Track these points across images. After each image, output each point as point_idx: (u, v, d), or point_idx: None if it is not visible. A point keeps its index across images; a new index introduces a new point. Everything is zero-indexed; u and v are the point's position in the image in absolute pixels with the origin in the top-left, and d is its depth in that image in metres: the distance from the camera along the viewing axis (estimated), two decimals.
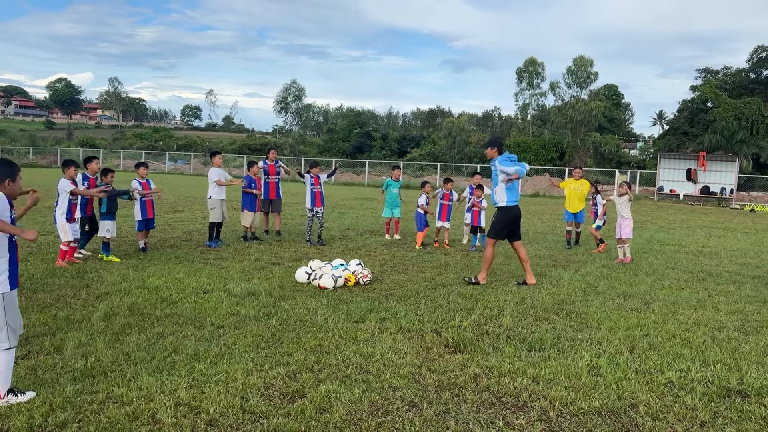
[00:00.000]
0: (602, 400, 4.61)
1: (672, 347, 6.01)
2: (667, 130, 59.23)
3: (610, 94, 78.02)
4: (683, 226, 19.11)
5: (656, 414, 4.41)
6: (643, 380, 5.06)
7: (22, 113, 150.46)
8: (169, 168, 49.99)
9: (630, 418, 4.33)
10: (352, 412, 4.22)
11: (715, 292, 8.91)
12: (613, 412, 4.42)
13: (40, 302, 6.86)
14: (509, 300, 7.78)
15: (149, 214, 10.67)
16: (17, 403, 4.14)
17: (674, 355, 5.75)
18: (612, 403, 4.56)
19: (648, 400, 4.64)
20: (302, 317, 6.66)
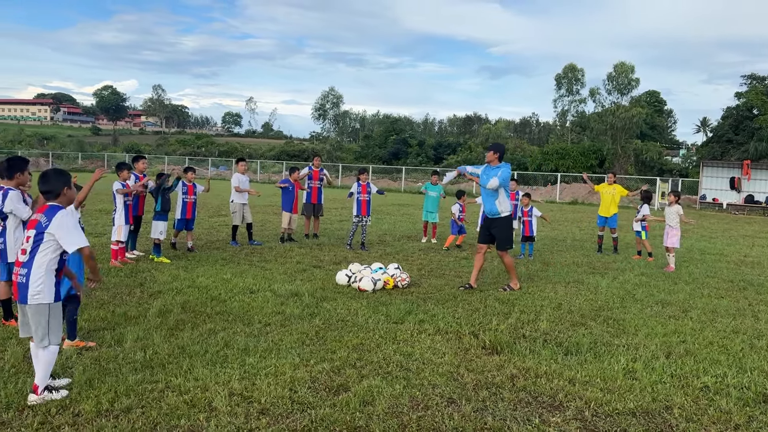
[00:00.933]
0: (637, 401, 4.73)
1: (709, 354, 6.07)
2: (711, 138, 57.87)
3: (651, 100, 76.72)
4: (725, 236, 18.78)
5: (690, 416, 4.52)
6: (678, 384, 5.16)
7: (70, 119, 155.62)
8: (211, 173, 51.13)
9: (664, 420, 4.45)
10: (393, 406, 4.45)
11: (756, 301, 8.85)
12: (647, 413, 4.55)
13: (99, 299, 7.29)
14: (546, 305, 7.90)
15: (188, 215, 11.22)
16: (51, 399, 4.31)
17: (711, 361, 5.81)
18: (647, 405, 4.68)
19: (682, 403, 4.74)
20: (344, 317, 6.92)
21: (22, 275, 4.34)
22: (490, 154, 8.79)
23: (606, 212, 13.22)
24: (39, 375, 4.35)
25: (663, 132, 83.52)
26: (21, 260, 4.37)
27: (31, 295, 4.29)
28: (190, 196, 11.33)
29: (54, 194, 4.50)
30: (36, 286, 4.30)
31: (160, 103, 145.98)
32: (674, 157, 74.43)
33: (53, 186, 4.51)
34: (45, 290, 4.32)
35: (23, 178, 6.05)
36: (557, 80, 64.50)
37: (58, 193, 4.51)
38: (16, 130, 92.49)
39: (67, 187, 4.58)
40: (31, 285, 4.30)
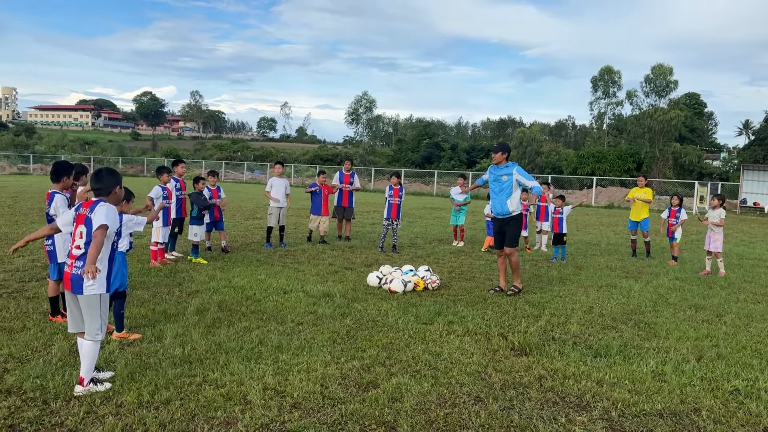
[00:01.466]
0: (665, 403, 4.75)
1: (741, 358, 6.02)
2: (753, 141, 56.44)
3: (691, 102, 75.17)
4: (766, 240, 18.34)
5: (718, 418, 4.52)
6: (708, 387, 5.15)
7: (111, 125, 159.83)
8: (246, 177, 51.98)
9: (692, 421, 4.46)
10: (421, 403, 4.56)
11: None
12: (675, 414, 4.56)
13: (139, 298, 7.58)
14: (577, 309, 7.90)
15: (215, 216, 11.66)
16: (96, 391, 4.52)
17: (743, 365, 5.77)
18: (675, 407, 4.69)
19: (711, 406, 4.74)
20: (374, 317, 7.06)
21: (78, 267, 4.54)
22: (498, 155, 8.85)
23: (636, 216, 13.10)
24: (84, 367, 4.58)
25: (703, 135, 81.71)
26: (75, 254, 4.59)
27: (86, 286, 4.51)
28: (215, 200, 11.71)
29: (105, 192, 4.72)
30: None
31: (198, 108, 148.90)
32: (715, 160, 72.73)
33: (105, 184, 4.72)
34: (98, 281, 4.54)
35: (69, 182, 6.36)
36: (593, 83, 63.81)
37: (109, 191, 4.73)
38: (59, 136, 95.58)
39: (119, 186, 4.82)
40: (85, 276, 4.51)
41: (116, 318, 5.95)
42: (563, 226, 12.32)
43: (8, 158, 56.09)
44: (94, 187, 4.75)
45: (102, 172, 4.82)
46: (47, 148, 71.98)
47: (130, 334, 6.00)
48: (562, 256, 12.26)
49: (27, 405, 4.30)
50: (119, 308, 5.99)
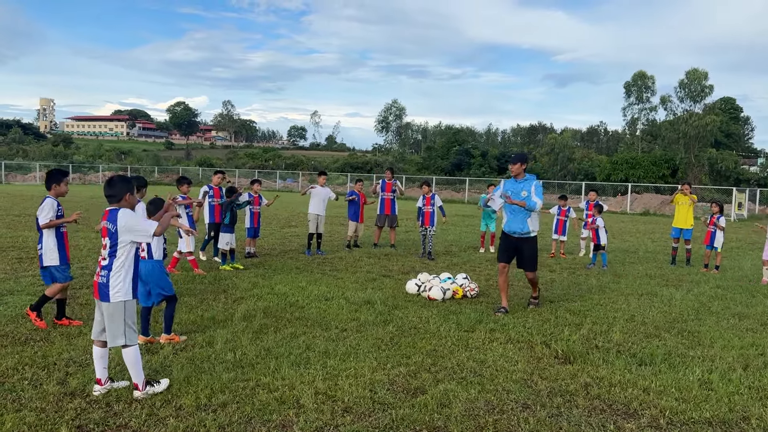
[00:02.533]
0: (713, 411, 4.75)
1: None
2: None
3: (727, 107, 73.73)
4: None
5: (767, 426, 4.51)
6: (756, 396, 5.12)
7: (145, 134, 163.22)
8: (279, 186, 52.62)
9: (741, 429, 4.46)
10: (470, 409, 4.65)
11: None
12: (724, 423, 4.56)
13: (188, 304, 7.81)
14: (618, 317, 7.89)
15: (255, 224, 12.14)
16: (155, 393, 4.71)
17: None
18: (723, 415, 4.69)
19: (761, 414, 4.72)
20: (416, 324, 7.16)
21: (103, 276, 4.70)
22: (516, 166, 8.05)
23: (683, 224, 12.98)
24: (133, 374, 4.73)
25: (739, 140, 79.99)
26: (102, 264, 4.76)
27: (112, 294, 4.68)
28: (256, 207, 12.21)
29: (117, 198, 4.81)
30: (116, 284, 4.69)
31: (230, 118, 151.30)
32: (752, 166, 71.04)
33: (116, 191, 4.81)
34: (123, 288, 4.70)
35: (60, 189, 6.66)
36: (626, 88, 63.08)
37: (120, 198, 4.81)
38: (95, 145, 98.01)
39: (130, 193, 4.87)
40: (111, 284, 4.69)
41: (166, 320, 6.26)
42: (601, 237, 12.33)
43: (48, 168, 57.75)
44: (107, 194, 4.82)
45: (114, 179, 4.90)
46: (85, 158, 73.91)
47: (178, 336, 6.27)
48: (603, 263, 12.27)
49: (92, 407, 4.51)
50: (171, 311, 6.27)
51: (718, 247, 12.23)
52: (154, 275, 6.20)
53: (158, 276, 6.23)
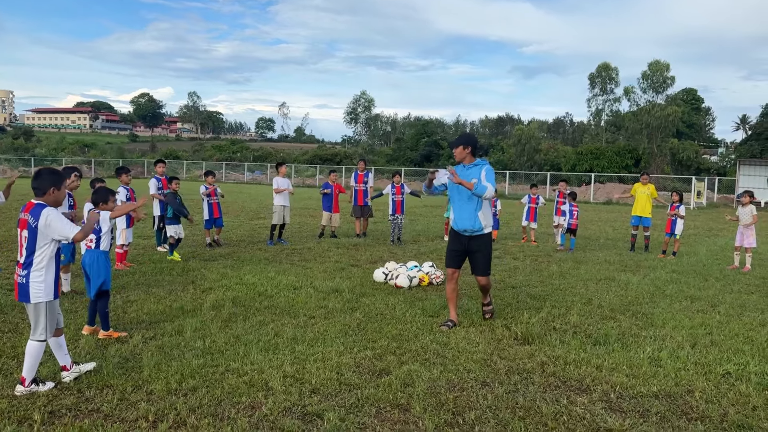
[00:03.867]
0: (660, 386, 5.06)
1: (733, 344, 6.32)
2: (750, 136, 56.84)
3: (688, 98, 75.48)
4: (761, 234, 18.63)
5: (710, 399, 4.82)
6: (701, 371, 5.45)
7: (109, 127, 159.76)
8: (247, 178, 52.27)
9: (685, 401, 4.76)
10: (432, 387, 4.86)
11: None
12: (669, 396, 4.87)
13: (156, 295, 7.87)
14: (577, 301, 8.21)
15: (215, 215, 12.39)
16: (37, 392, 4.53)
17: (734, 351, 6.08)
18: (669, 389, 5.00)
19: (704, 387, 5.04)
20: (382, 311, 7.36)
21: (22, 276, 4.55)
22: (458, 150, 6.80)
23: (642, 212, 13.46)
24: (26, 367, 4.57)
25: (701, 130, 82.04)
26: (21, 262, 4.60)
27: (32, 294, 4.54)
28: (213, 198, 12.40)
29: (41, 191, 4.65)
30: (36, 284, 4.53)
31: (195, 109, 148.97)
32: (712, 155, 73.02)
33: (41, 184, 4.65)
34: (44, 289, 4.55)
35: None
36: (591, 79, 64.09)
37: (44, 191, 4.65)
38: (58, 138, 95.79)
39: (55, 188, 4.66)
40: (31, 284, 4.53)
41: (101, 317, 6.02)
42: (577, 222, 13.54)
43: (9, 162, 56.35)
44: (32, 186, 4.67)
45: (42, 172, 4.74)
46: (47, 152, 72.19)
47: (115, 332, 6.09)
48: (571, 246, 13.20)
49: (63, 393, 4.59)
50: (104, 307, 6.04)
51: (677, 234, 12.70)
52: (97, 266, 6.05)
53: (101, 267, 6.06)
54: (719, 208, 31.96)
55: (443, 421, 4.26)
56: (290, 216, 14.01)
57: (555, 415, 4.40)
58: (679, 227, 12.71)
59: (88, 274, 6.10)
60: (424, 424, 4.19)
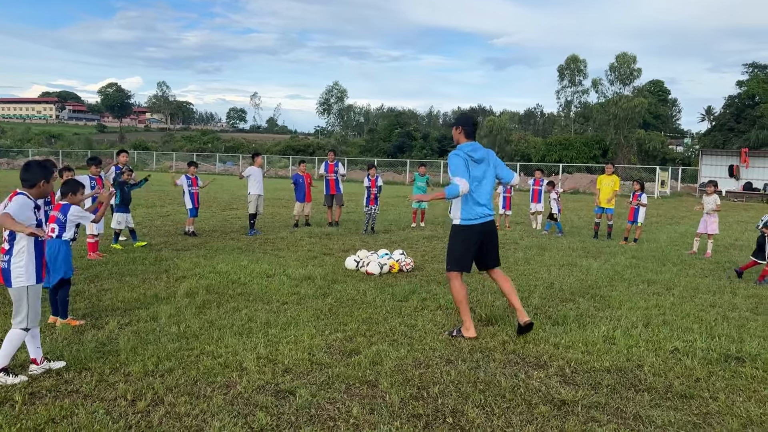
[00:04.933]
0: (612, 361, 5.40)
1: (684, 323, 6.73)
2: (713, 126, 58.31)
3: (655, 90, 77.00)
4: (721, 222, 19.28)
5: (658, 372, 5.18)
6: (651, 348, 5.82)
7: (76, 117, 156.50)
8: (219, 169, 51.90)
9: (635, 375, 5.12)
10: (399, 365, 5.13)
11: (737, 280, 9.48)
12: (620, 370, 5.22)
13: (130, 284, 8.00)
14: (539, 285, 8.57)
15: (196, 204, 12.66)
16: (6, 383, 4.54)
17: (684, 329, 6.47)
18: (621, 364, 5.35)
19: (653, 362, 5.41)
20: (353, 296, 7.61)
21: (5, 261, 4.68)
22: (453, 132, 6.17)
23: (605, 203, 13.94)
24: (2, 354, 4.62)
25: (667, 121, 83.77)
26: (4, 247, 4.74)
27: (13, 279, 4.68)
28: (195, 188, 12.64)
29: (29, 184, 4.78)
30: (17, 269, 4.67)
31: (165, 99, 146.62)
32: (678, 146, 74.72)
33: (30, 176, 4.78)
34: (25, 273, 4.68)
35: None
36: (560, 71, 64.97)
37: (33, 183, 4.78)
38: (23, 129, 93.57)
39: (45, 181, 4.80)
40: (12, 269, 4.66)
41: (60, 305, 6.11)
42: (553, 208, 14.76)
43: None
44: (21, 177, 4.80)
45: (31, 164, 4.88)
46: (12, 143, 70.60)
47: (74, 320, 6.18)
48: (559, 230, 14.72)
49: (42, 377, 4.74)
50: (64, 296, 6.13)
51: (639, 221, 13.20)
52: (59, 255, 6.10)
53: (62, 257, 6.12)
54: (682, 197, 32.88)
55: (409, 395, 4.53)
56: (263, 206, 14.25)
57: (513, 387, 4.71)
58: (641, 215, 13.19)
59: (49, 263, 6.04)
60: (391, 398, 4.45)
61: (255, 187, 13.44)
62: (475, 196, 5.90)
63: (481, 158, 5.95)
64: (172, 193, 22.41)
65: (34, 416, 4.03)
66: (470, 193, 5.85)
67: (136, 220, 14.81)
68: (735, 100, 52.95)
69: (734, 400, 4.63)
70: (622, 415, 4.31)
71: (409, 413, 4.22)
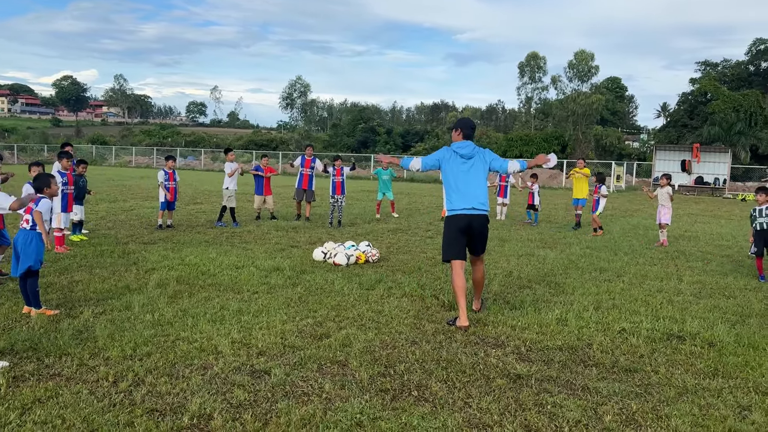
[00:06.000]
0: (564, 340, 5.83)
1: (631, 307, 7.22)
2: (668, 123, 60.14)
3: (613, 86, 78.83)
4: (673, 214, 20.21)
5: (606, 350, 5.62)
6: (600, 328, 6.28)
7: (29, 111, 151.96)
8: (180, 164, 51.26)
9: (584, 352, 5.55)
10: (367, 347, 5.45)
11: (684, 267, 10.10)
12: (571, 348, 5.64)
13: (100, 276, 8.11)
14: (499, 273, 9.00)
15: (171, 198, 12.84)
16: None
17: (632, 312, 6.96)
18: (572, 343, 5.78)
19: (601, 341, 5.85)
20: (322, 286, 7.89)
21: None
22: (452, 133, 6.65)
23: (580, 194, 15.05)
24: None
25: (624, 117, 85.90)
26: None
27: None
28: (172, 182, 12.75)
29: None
30: None
31: (122, 93, 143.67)
32: (635, 141, 76.80)
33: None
34: None
35: None
36: (520, 68, 66.06)
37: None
38: None
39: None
40: None
41: (31, 295, 6.19)
42: (536, 199, 15.66)
43: None
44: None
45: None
46: None
47: (49, 310, 6.30)
48: (534, 220, 15.80)
49: (23, 362, 4.91)
50: (33, 286, 6.19)
51: (598, 211, 13.96)
52: (30, 246, 6.17)
53: (33, 248, 6.20)
54: (637, 191, 34.03)
55: (377, 372, 4.86)
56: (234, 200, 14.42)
57: (473, 364, 5.08)
58: (602, 205, 14.05)
59: (19, 252, 6.16)
60: (360, 375, 4.77)
61: (231, 182, 13.78)
62: (459, 189, 6.35)
63: (468, 155, 6.41)
64: (133, 188, 22.24)
65: (20, 397, 4.21)
66: (455, 186, 6.36)
67: (100, 214, 14.80)
68: (688, 97, 54.71)
69: (673, 373, 5.09)
70: (572, 386, 4.72)
71: (377, 388, 4.54)
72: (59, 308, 6.46)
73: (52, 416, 3.94)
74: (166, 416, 4.00)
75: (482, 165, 6.48)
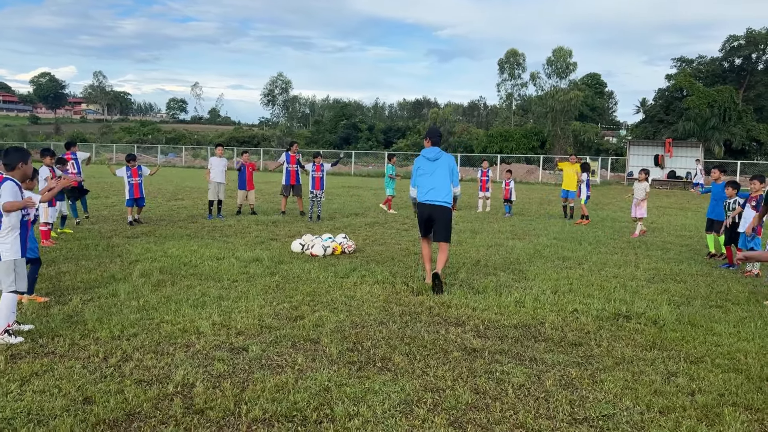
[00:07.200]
0: (520, 319, 6.36)
1: (587, 291, 7.78)
2: (645, 118, 61.30)
3: (592, 83, 79.92)
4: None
5: (557, 327, 6.16)
6: (554, 309, 6.82)
7: (6, 108, 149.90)
8: (161, 161, 51.25)
9: (536, 330, 6.08)
10: (338, 327, 5.93)
11: (643, 256, 10.70)
12: (525, 326, 6.17)
13: (86, 267, 8.50)
14: (467, 262, 9.52)
15: (136, 194, 13.08)
16: (8, 343, 5.16)
17: (586, 295, 7.51)
18: (526, 321, 6.31)
19: (553, 320, 6.39)
20: (299, 275, 8.35)
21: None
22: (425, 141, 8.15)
23: (568, 186, 15.96)
24: (1, 317, 5.24)
25: (603, 113, 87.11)
26: None
27: (2, 254, 5.32)
28: (135, 179, 13.06)
29: (10, 167, 5.46)
30: (4, 245, 5.28)
31: (101, 89, 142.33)
32: (614, 137, 78.01)
33: (10, 160, 5.46)
34: (12, 249, 5.32)
35: None
36: (500, 65, 66.79)
37: (14, 166, 5.47)
38: None
39: (23, 162, 5.49)
40: (0, 245, 5.30)
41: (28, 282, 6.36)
42: (512, 193, 16.73)
43: None
44: (3, 162, 5.44)
45: (9, 150, 5.58)
46: None
47: (39, 297, 6.70)
48: (507, 211, 17.13)
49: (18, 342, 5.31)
50: (33, 273, 6.58)
51: (582, 198, 15.28)
52: None
53: None
54: (611, 185, 34.85)
55: (346, 348, 5.34)
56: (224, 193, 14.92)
57: (434, 341, 5.59)
58: (584, 191, 15.46)
59: None
60: (330, 351, 5.25)
61: (216, 175, 14.40)
62: (424, 184, 7.87)
63: (434, 158, 7.91)
64: (115, 185, 22.46)
65: (19, 371, 4.64)
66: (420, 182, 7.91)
67: None
68: (664, 93, 55.87)
69: (614, 346, 5.63)
70: (521, 358, 5.24)
71: (345, 361, 5.03)
72: (49, 296, 6.85)
73: (49, 386, 4.37)
74: (153, 385, 4.45)
75: (446, 165, 7.90)
